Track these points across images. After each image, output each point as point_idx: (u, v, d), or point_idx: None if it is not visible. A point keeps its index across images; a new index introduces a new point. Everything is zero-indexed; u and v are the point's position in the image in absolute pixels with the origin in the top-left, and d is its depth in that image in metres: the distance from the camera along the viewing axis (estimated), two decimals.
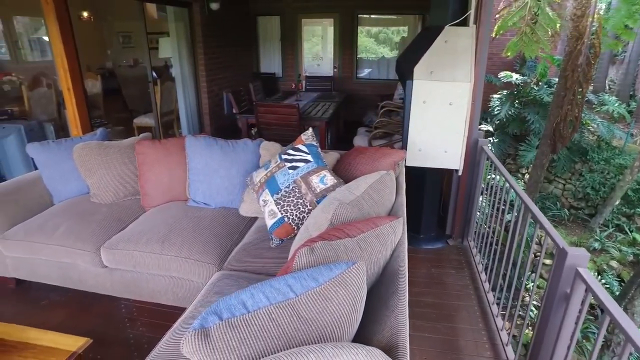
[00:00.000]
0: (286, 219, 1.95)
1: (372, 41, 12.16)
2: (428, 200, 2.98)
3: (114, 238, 2.17)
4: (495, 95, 6.75)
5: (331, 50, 7.74)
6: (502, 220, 2.41)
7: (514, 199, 2.13)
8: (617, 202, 6.04)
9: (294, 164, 2.03)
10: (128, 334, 2.10)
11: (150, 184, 2.48)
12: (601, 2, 4.70)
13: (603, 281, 5.14)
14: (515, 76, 6.61)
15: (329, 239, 1.21)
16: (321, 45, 8.57)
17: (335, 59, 7.67)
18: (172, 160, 2.48)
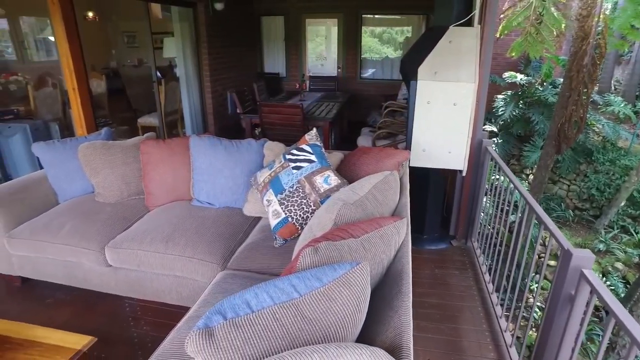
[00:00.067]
0: (290, 219, 1.95)
1: (376, 41, 12.16)
2: (432, 201, 2.98)
3: (119, 237, 2.18)
4: (500, 96, 6.72)
5: (335, 50, 7.74)
6: (506, 221, 2.40)
7: (518, 199, 2.13)
8: (623, 204, 6.00)
9: (298, 164, 2.03)
10: (132, 333, 2.11)
11: (154, 183, 2.49)
12: (607, 2, 4.67)
13: (608, 283, 5.11)
14: (519, 76, 6.58)
15: (333, 239, 1.21)
16: (325, 45, 8.58)
17: (339, 59, 7.66)
18: (176, 160, 2.49)
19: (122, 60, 7.32)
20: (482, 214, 2.86)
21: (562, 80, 5.26)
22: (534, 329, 3.91)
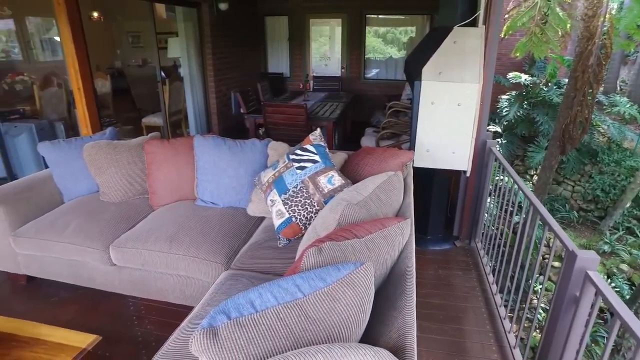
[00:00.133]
0: (294, 219, 1.95)
1: (380, 41, 12.15)
2: (436, 201, 2.97)
3: (123, 236, 2.20)
4: (504, 96, 6.70)
5: (339, 51, 7.74)
6: (510, 222, 2.40)
7: (522, 200, 2.12)
8: (628, 205, 5.96)
9: (302, 164, 2.03)
10: (136, 332, 2.12)
11: (158, 183, 2.50)
12: (613, 2, 4.63)
13: (613, 284, 5.08)
14: (524, 77, 6.55)
15: (337, 240, 1.21)
16: (329, 46, 8.58)
17: (343, 59, 7.66)
18: (180, 160, 2.50)
19: (127, 60, 7.36)
20: (486, 214, 2.86)
21: (567, 80, 5.23)
22: (537, 331, 3.90)
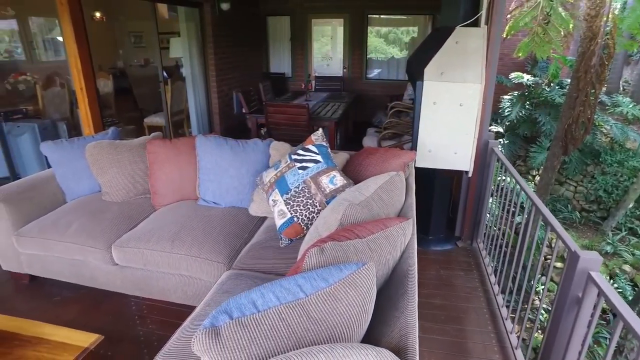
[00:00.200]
0: (296, 219, 1.95)
1: (381, 41, 12.15)
2: (437, 202, 2.97)
3: (125, 236, 2.20)
4: (506, 96, 6.68)
5: (341, 51, 7.74)
6: (512, 223, 2.39)
7: (524, 201, 2.11)
8: (631, 205, 5.93)
9: (304, 164, 2.04)
10: (138, 331, 2.12)
11: (160, 182, 2.51)
12: (616, 2, 4.61)
13: (615, 285, 5.06)
14: (526, 77, 6.54)
15: (339, 240, 1.21)
16: (331, 46, 8.58)
17: (345, 59, 7.66)
18: (182, 160, 2.50)
19: (129, 60, 7.38)
20: (487, 215, 2.85)
21: (569, 80, 5.21)
22: (539, 331, 3.89)
